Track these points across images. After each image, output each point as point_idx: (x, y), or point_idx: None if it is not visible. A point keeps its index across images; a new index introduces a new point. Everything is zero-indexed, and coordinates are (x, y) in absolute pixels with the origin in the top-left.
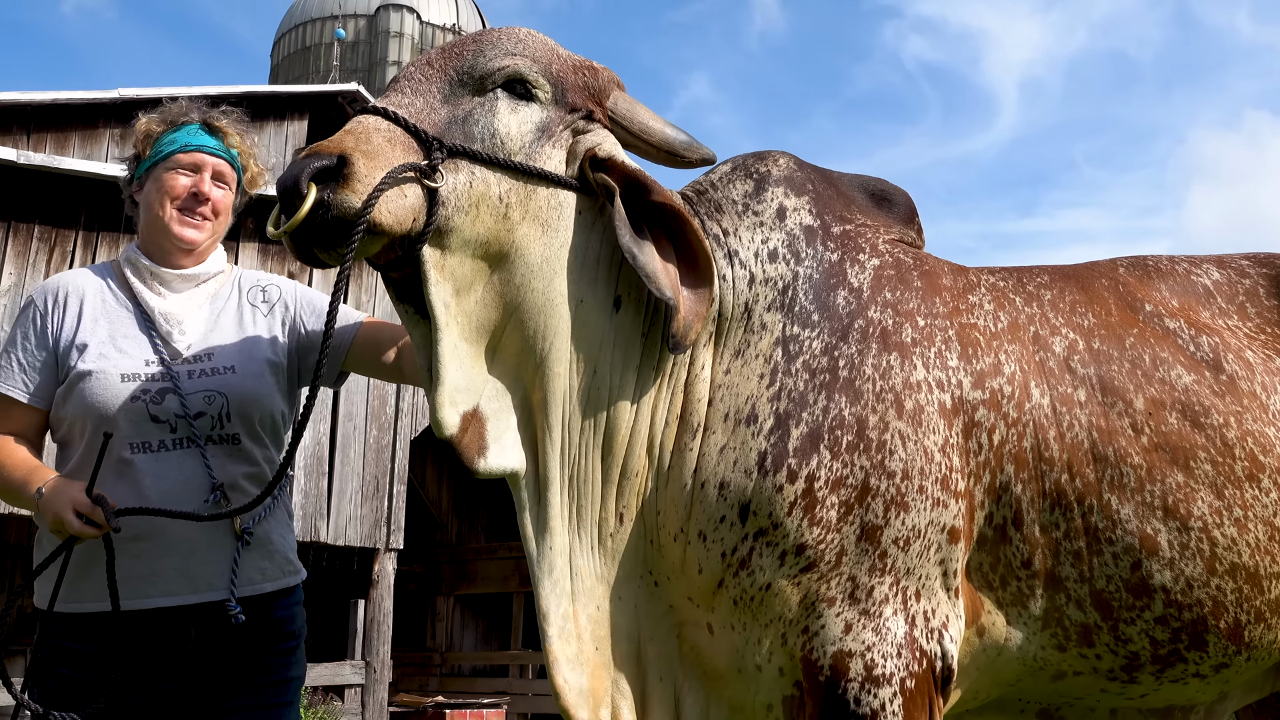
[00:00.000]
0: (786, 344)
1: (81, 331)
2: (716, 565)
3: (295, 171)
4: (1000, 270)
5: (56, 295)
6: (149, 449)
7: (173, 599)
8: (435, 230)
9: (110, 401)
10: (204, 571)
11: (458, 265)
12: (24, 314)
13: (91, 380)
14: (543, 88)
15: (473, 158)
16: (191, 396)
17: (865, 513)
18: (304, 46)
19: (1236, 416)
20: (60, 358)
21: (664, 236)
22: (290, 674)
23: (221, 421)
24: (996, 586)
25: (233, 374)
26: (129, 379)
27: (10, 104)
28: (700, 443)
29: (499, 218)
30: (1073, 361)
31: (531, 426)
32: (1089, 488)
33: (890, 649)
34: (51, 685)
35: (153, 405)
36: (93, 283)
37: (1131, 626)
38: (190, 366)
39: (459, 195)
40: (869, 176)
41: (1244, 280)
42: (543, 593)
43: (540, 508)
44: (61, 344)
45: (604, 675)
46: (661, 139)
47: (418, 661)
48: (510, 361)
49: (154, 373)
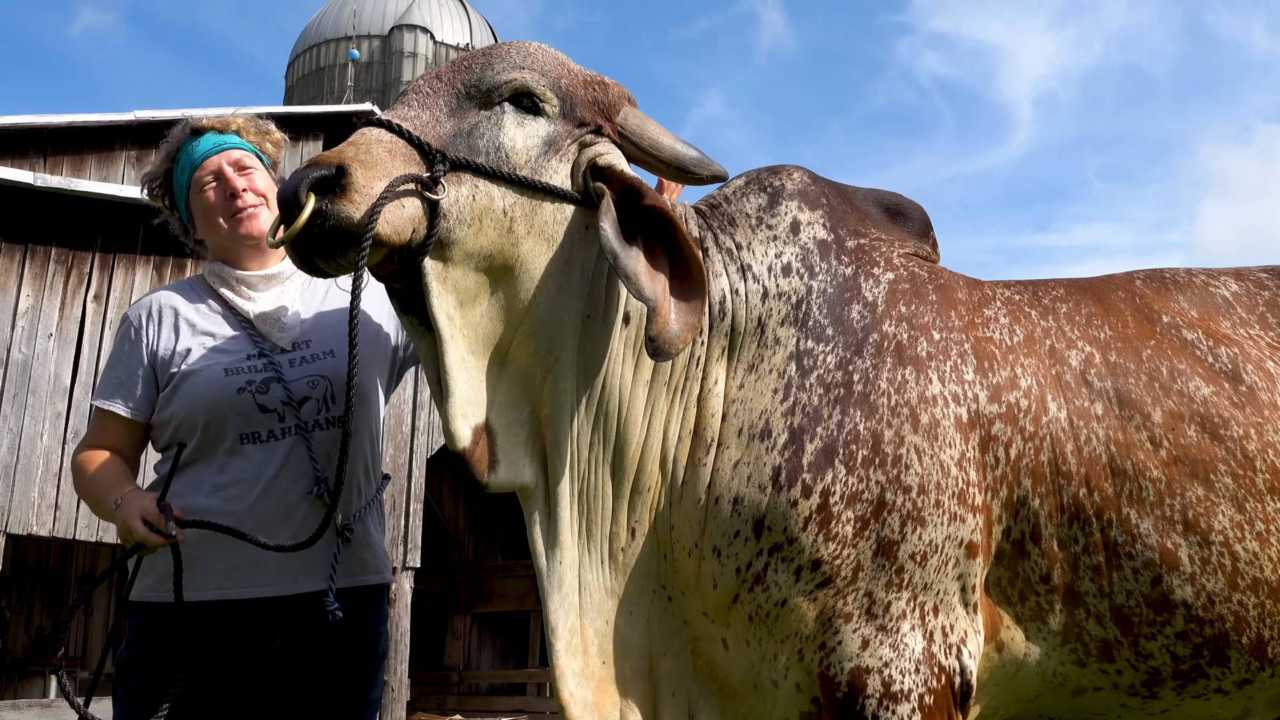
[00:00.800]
0: (800, 358)
1: (181, 339)
2: (731, 581)
3: (295, 181)
4: (1015, 284)
5: (150, 310)
6: (258, 439)
7: (272, 589)
8: (437, 243)
9: (217, 395)
10: (306, 564)
11: (461, 278)
12: (121, 332)
13: (196, 378)
14: (550, 102)
15: (476, 171)
16: (295, 383)
17: (881, 528)
18: (318, 67)
19: (1257, 428)
20: (160, 368)
21: (659, 247)
22: (372, 695)
23: (326, 405)
24: (1015, 601)
25: (333, 358)
26: (233, 372)
27: (26, 127)
28: (714, 458)
29: (503, 231)
30: (1089, 374)
31: (540, 441)
32: (1107, 502)
33: (908, 665)
34: (137, 685)
35: (259, 395)
36: (184, 296)
37: (1152, 642)
38: (292, 355)
39: (461, 208)
40: (883, 191)
41: (1263, 292)
42: (551, 607)
43: (550, 522)
44: (160, 354)
45: (610, 690)
46: (671, 155)
47: (435, 680)
48: (518, 375)
49: (257, 364)
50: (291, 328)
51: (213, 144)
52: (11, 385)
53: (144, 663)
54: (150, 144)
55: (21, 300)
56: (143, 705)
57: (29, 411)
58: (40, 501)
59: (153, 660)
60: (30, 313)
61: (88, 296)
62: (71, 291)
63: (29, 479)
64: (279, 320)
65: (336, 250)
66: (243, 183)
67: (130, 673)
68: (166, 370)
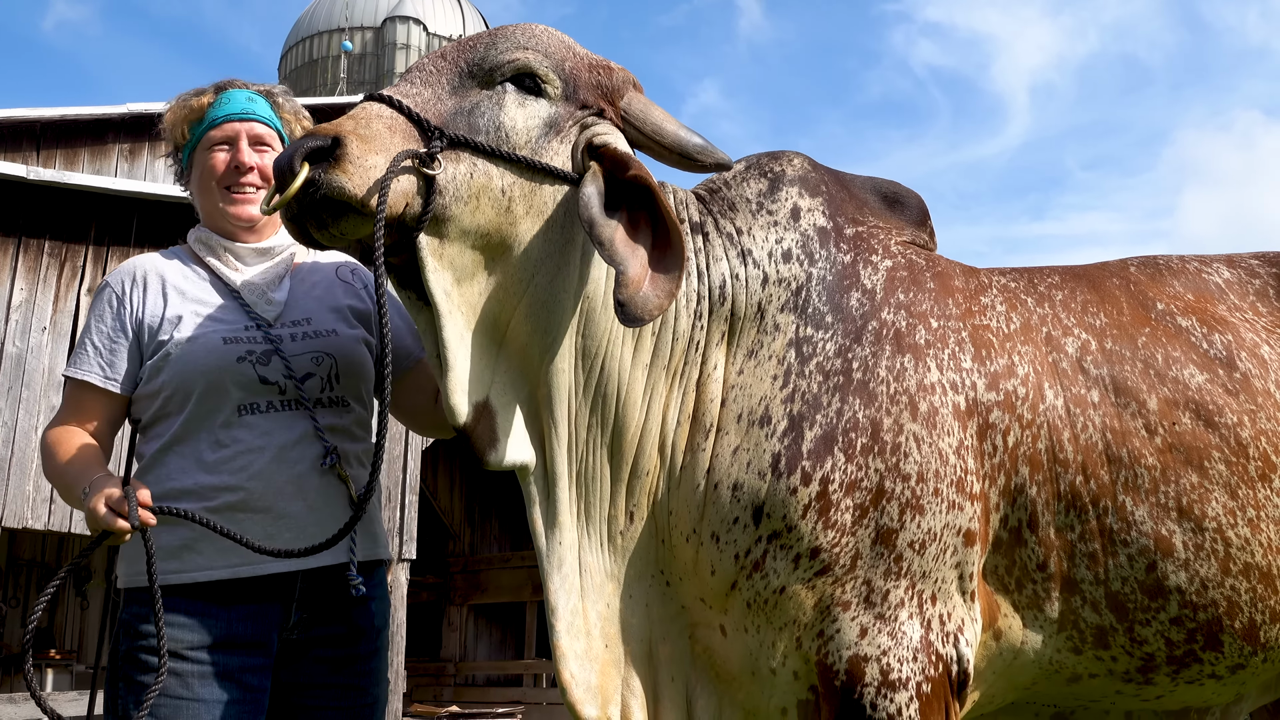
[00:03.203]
0: (800, 345)
1: (171, 306)
2: (729, 567)
3: (291, 150)
4: (1011, 271)
5: (134, 276)
6: (258, 410)
7: (287, 564)
8: (434, 219)
9: (216, 363)
10: (320, 537)
11: (457, 255)
12: (99, 299)
13: (192, 345)
14: (552, 83)
15: (475, 149)
16: (297, 358)
17: (880, 516)
18: (311, 59)
19: (1250, 415)
20: (146, 338)
21: (645, 220)
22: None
23: (331, 383)
24: (1012, 589)
25: (336, 337)
26: (231, 341)
27: (19, 120)
28: (713, 443)
29: (501, 210)
30: (1086, 362)
31: (539, 421)
32: (1103, 489)
33: (906, 653)
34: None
35: (259, 366)
36: (169, 262)
37: (1147, 628)
38: (291, 330)
39: (458, 185)
40: (881, 179)
41: (1254, 280)
42: (551, 587)
43: (549, 503)
44: (147, 323)
45: (614, 673)
46: (674, 140)
47: (432, 672)
48: (517, 356)
49: (255, 335)
50: (278, 302)
51: (241, 107)
52: (5, 378)
53: (146, 651)
54: (143, 136)
55: (15, 293)
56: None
57: (23, 405)
58: (35, 495)
59: (154, 650)
60: (24, 306)
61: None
62: (65, 284)
63: (23, 472)
64: (265, 293)
65: (329, 220)
66: (253, 159)
67: (130, 664)
68: (155, 339)
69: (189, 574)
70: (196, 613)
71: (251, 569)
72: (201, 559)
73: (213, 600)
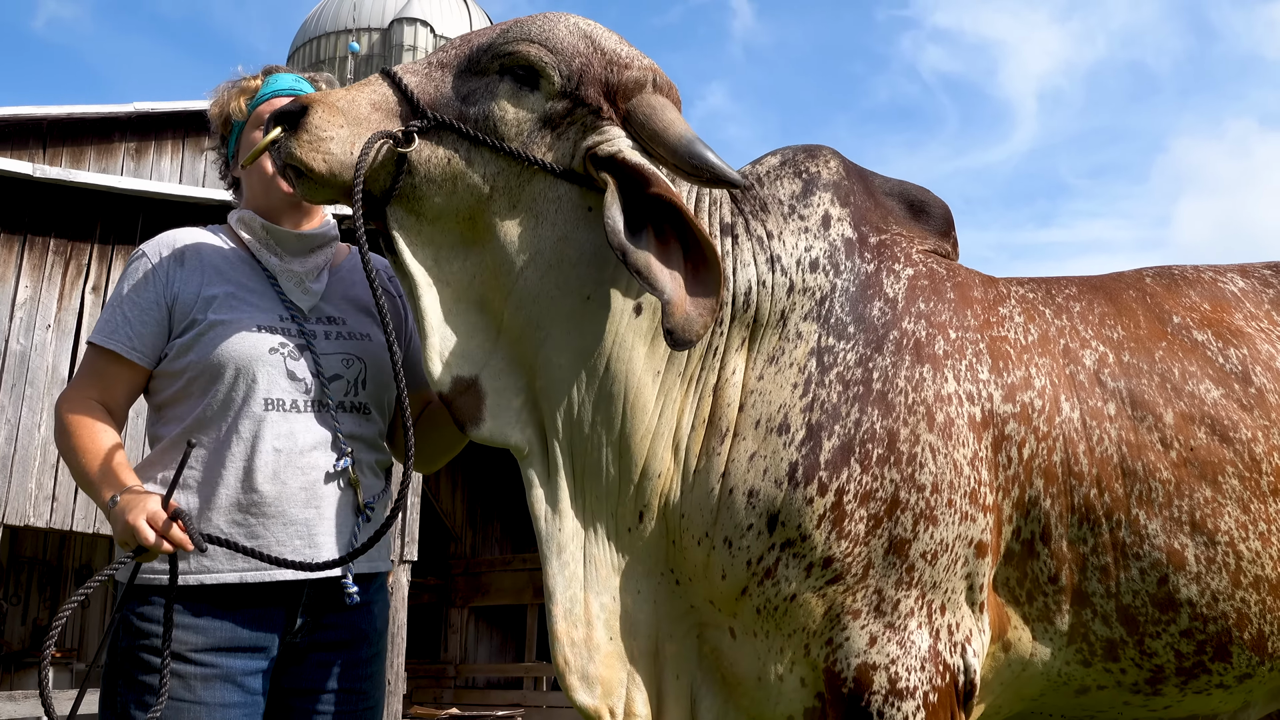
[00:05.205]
0: (821, 355)
1: (208, 283)
2: (741, 573)
3: (275, 110)
4: (1029, 281)
5: (173, 248)
6: (281, 407)
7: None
8: (410, 195)
9: (248, 349)
10: (326, 544)
11: (436, 233)
12: (134, 266)
13: (226, 327)
14: (549, 78)
15: (459, 134)
16: (328, 358)
17: (894, 526)
18: (318, 60)
19: (1264, 431)
20: (179, 312)
21: (671, 230)
22: (373, 698)
23: (356, 389)
24: (1023, 601)
25: (369, 341)
26: (266, 330)
27: (26, 118)
28: (729, 448)
29: (481, 198)
30: (1103, 375)
31: (538, 411)
32: (1118, 503)
33: (914, 662)
34: (142, 677)
35: (290, 360)
36: (208, 238)
37: (1157, 640)
38: (325, 327)
39: (432, 167)
40: (911, 184)
41: (1268, 290)
42: (550, 572)
43: (550, 490)
44: (182, 297)
45: (619, 666)
46: (672, 149)
47: (432, 674)
48: (512, 345)
49: (290, 328)
50: (315, 292)
51: (290, 85)
52: (9, 376)
53: (148, 651)
54: (150, 136)
55: (20, 291)
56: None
57: (27, 403)
58: (38, 493)
59: (156, 650)
60: (29, 304)
61: (86, 288)
62: (70, 282)
63: (26, 470)
64: (303, 280)
65: (294, 179)
66: None
67: (131, 663)
68: (188, 315)
69: (195, 576)
70: (201, 615)
71: (259, 575)
72: (209, 561)
73: (218, 603)
